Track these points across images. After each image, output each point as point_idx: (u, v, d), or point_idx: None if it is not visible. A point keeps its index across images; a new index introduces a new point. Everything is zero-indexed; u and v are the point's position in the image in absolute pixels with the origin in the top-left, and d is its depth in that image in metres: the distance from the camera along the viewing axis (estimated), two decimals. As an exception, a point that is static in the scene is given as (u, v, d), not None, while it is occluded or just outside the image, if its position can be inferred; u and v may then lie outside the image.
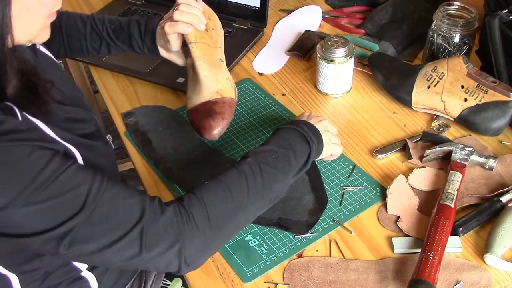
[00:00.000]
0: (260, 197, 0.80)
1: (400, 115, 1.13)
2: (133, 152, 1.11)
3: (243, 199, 0.78)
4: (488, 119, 1.03)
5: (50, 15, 0.75)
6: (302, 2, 1.51)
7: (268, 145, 0.86)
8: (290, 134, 0.89)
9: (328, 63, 1.14)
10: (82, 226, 0.68)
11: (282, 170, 0.84)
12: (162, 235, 0.71)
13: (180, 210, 0.73)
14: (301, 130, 0.89)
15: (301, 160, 0.87)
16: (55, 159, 0.68)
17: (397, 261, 0.86)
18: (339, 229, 0.92)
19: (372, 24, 1.37)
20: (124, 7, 1.53)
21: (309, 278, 0.85)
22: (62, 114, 0.81)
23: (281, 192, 0.84)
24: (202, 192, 0.77)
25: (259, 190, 0.80)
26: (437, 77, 1.07)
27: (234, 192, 0.78)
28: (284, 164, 0.84)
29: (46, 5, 0.73)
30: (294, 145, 0.87)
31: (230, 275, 0.87)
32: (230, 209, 0.77)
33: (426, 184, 0.98)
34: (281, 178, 0.83)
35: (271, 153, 0.84)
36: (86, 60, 1.36)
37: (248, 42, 1.36)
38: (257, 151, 0.85)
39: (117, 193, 0.71)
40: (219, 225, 0.76)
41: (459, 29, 1.13)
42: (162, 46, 1.05)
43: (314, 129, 0.91)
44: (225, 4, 1.44)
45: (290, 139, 0.87)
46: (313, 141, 0.89)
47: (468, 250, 0.87)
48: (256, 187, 0.80)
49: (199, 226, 0.73)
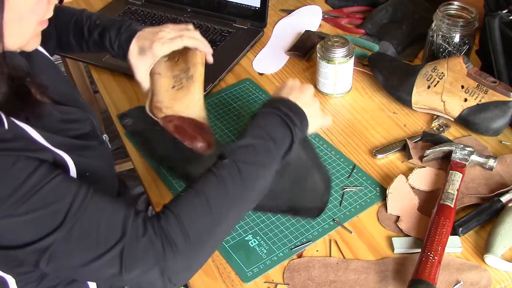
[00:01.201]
0: (242, 200, 0.76)
1: (400, 115, 1.13)
2: (133, 152, 1.11)
3: (222, 208, 0.74)
4: (488, 119, 1.03)
5: (41, 22, 0.75)
6: (302, 2, 1.51)
7: (245, 138, 0.80)
8: (269, 120, 0.83)
9: (328, 63, 1.14)
10: (62, 242, 0.66)
11: (264, 165, 0.79)
12: (141, 258, 0.68)
13: (159, 232, 0.69)
14: (280, 114, 0.83)
15: (283, 148, 0.81)
16: (38, 171, 0.67)
17: (397, 261, 0.86)
18: (339, 229, 0.92)
19: (372, 24, 1.37)
20: (124, 7, 1.53)
21: (309, 278, 0.85)
22: (57, 115, 0.81)
23: (266, 187, 0.80)
24: (179, 208, 0.72)
25: (240, 193, 0.76)
26: (437, 77, 1.07)
27: (213, 202, 0.73)
28: (265, 158, 0.79)
29: (38, 13, 0.72)
30: (274, 133, 0.81)
31: (230, 275, 0.87)
32: (210, 222, 0.73)
33: (426, 184, 0.98)
34: (264, 174, 0.79)
35: (249, 148, 0.79)
36: (86, 60, 1.36)
37: (248, 42, 1.36)
38: (233, 148, 0.79)
39: (101, 208, 0.69)
40: (200, 242, 0.72)
41: (459, 29, 1.13)
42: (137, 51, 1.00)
43: (295, 108, 0.85)
44: (225, 4, 1.44)
45: (269, 127, 0.82)
46: (294, 123, 0.83)
47: (468, 250, 0.87)
48: (236, 191, 0.75)
49: (179, 248, 0.69)
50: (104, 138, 0.96)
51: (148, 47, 0.98)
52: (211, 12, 1.46)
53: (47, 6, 0.74)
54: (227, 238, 0.92)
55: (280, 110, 0.83)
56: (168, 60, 1.01)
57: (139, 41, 0.99)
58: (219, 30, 1.40)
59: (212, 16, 1.45)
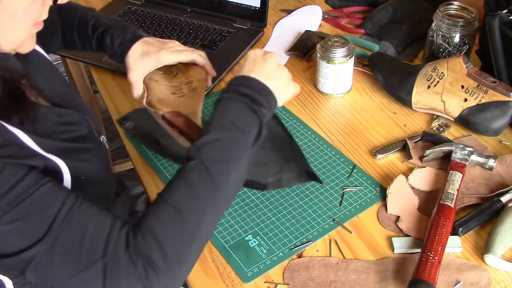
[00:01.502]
0: (216, 201, 0.73)
1: (400, 115, 1.13)
2: (133, 152, 1.11)
3: (197, 214, 0.71)
4: (488, 119, 1.03)
5: (35, 24, 0.74)
6: (302, 2, 1.51)
7: (210, 133, 0.76)
8: (232, 107, 0.78)
9: (328, 63, 1.14)
10: (45, 254, 0.66)
11: (233, 158, 0.75)
12: (124, 277, 0.67)
13: (139, 253, 0.68)
14: (243, 99, 0.78)
15: (252, 135, 0.78)
16: (25, 179, 0.66)
17: (397, 261, 0.86)
18: (339, 229, 0.92)
19: (372, 24, 1.37)
20: (124, 7, 1.53)
21: (309, 278, 0.85)
22: (53, 118, 0.80)
23: (241, 178, 0.77)
24: (153, 224, 0.69)
25: (213, 194, 0.73)
26: (437, 77, 1.07)
27: (185, 210, 0.71)
28: (234, 151, 0.76)
29: (31, 14, 0.71)
30: (239, 121, 0.77)
31: (230, 275, 0.87)
32: (187, 232, 0.70)
33: (426, 184, 0.98)
34: (235, 167, 0.75)
35: (215, 144, 0.75)
36: (86, 60, 1.36)
37: (248, 42, 1.36)
38: (198, 145, 0.75)
39: (87, 220, 0.68)
40: (181, 256, 0.70)
41: (459, 29, 1.13)
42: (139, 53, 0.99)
43: (259, 86, 0.80)
44: (225, 4, 1.44)
45: (233, 115, 0.77)
46: (260, 104, 0.79)
47: (468, 250, 0.87)
48: (208, 193, 0.72)
49: (161, 269, 0.68)
50: (101, 140, 0.95)
51: (154, 52, 0.98)
52: (211, 12, 1.46)
53: (42, 7, 0.73)
54: (227, 238, 0.92)
55: (242, 94, 0.79)
56: (163, 73, 1.01)
57: (144, 45, 0.99)
58: (219, 30, 1.40)
59: (212, 16, 1.45)
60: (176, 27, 1.43)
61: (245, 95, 0.79)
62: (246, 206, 0.97)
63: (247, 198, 0.98)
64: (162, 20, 1.45)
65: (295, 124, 1.13)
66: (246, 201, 0.98)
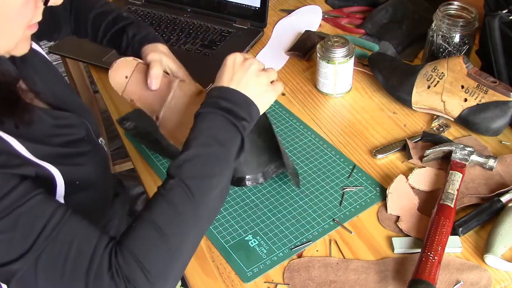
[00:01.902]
0: (198, 218, 0.72)
1: (400, 115, 1.13)
2: (133, 152, 1.11)
3: (179, 233, 0.70)
4: (488, 119, 1.03)
5: (30, 26, 0.73)
6: (302, 2, 1.51)
7: (190, 149, 0.74)
8: (212, 122, 0.77)
9: (328, 63, 1.14)
10: (28, 269, 0.66)
11: (215, 174, 0.74)
12: None
13: (121, 274, 0.67)
14: (222, 113, 0.76)
15: (234, 148, 0.76)
16: (15, 191, 0.66)
17: (397, 261, 0.86)
18: (339, 229, 0.92)
19: (372, 24, 1.37)
20: (124, 7, 1.53)
21: (309, 278, 0.85)
22: (49, 121, 0.80)
23: (224, 191, 0.76)
24: (134, 244, 0.69)
25: (194, 212, 0.72)
26: (437, 77, 1.07)
27: (167, 230, 0.69)
28: (215, 166, 0.74)
29: (25, 16, 0.70)
30: (220, 136, 0.75)
31: (230, 275, 0.87)
32: (168, 252, 0.70)
33: (426, 184, 0.98)
34: (218, 182, 0.74)
35: (195, 160, 0.73)
36: (86, 60, 1.36)
37: (248, 42, 1.36)
38: (179, 162, 0.73)
39: (72, 236, 0.68)
40: (163, 276, 0.70)
41: (459, 29, 1.13)
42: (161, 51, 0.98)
43: (238, 98, 0.78)
44: (225, 4, 1.44)
45: (213, 130, 0.76)
46: (240, 118, 0.77)
47: (468, 250, 0.87)
48: (189, 211, 0.71)
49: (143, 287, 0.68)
50: (100, 142, 0.95)
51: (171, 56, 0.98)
52: (211, 12, 1.46)
53: (34, 10, 0.72)
54: (227, 238, 0.92)
55: (222, 108, 0.77)
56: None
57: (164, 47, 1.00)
58: (219, 30, 1.40)
59: (212, 16, 1.46)
60: (176, 27, 1.43)
61: (225, 109, 0.77)
62: (246, 206, 0.97)
63: (247, 198, 0.98)
64: (162, 20, 1.46)
65: (295, 124, 1.13)
66: (246, 201, 0.98)
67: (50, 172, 0.74)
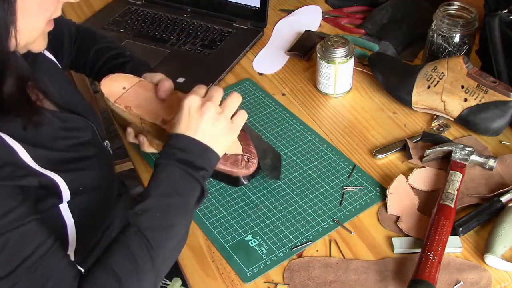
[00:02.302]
0: (157, 267, 0.72)
1: (400, 115, 1.13)
2: (133, 152, 1.11)
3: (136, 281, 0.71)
4: (488, 119, 1.03)
5: (49, 22, 0.74)
6: (302, 2, 1.51)
7: (149, 199, 0.74)
8: (169, 173, 0.76)
9: (328, 63, 1.14)
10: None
11: (173, 224, 0.74)
12: None
13: None
14: (180, 165, 0.76)
15: (194, 197, 0.77)
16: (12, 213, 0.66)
17: (397, 261, 0.86)
18: (339, 229, 0.92)
19: (372, 24, 1.37)
20: (124, 7, 1.53)
21: (309, 278, 0.85)
22: (57, 123, 0.80)
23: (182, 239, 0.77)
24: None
25: (152, 260, 0.72)
26: (437, 77, 1.07)
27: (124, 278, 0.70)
28: (173, 217, 0.74)
29: (46, 9, 0.71)
30: (178, 187, 0.75)
31: (230, 275, 0.87)
32: None
33: (426, 184, 0.98)
34: (176, 232, 0.74)
35: (153, 211, 0.74)
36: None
37: (248, 42, 1.36)
38: (138, 212, 0.74)
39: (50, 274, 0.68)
40: None
41: (459, 29, 1.13)
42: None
43: (196, 147, 0.77)
44: (225, 4, 1.44)
45: (171, 181, 0.76)
46: (199, 168, 0.77)
47: (468, 250, 0.87)
48: (147, 260, 0.71)
49: None
50: (105, 145, 0.96)
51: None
52: (211, 12, 1.46)
53: (56, 3, 0.73)
54: (227, 238, 0.92)
55: (179, 160, 0.76)
56: None
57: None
58: (219, 30, 1.40)
59: (212, 16, 1.45)
60: (176, 27, 1.43)
61: (183, 161, 0.76)
62: (246, 206, 0.97)
63: (247, 198, 0.98)
64: (162, 20, 1.46)
65: (295, 124, 1.13)
66: (246, 201, 0.98)
67: (54, 181, 0.75)
